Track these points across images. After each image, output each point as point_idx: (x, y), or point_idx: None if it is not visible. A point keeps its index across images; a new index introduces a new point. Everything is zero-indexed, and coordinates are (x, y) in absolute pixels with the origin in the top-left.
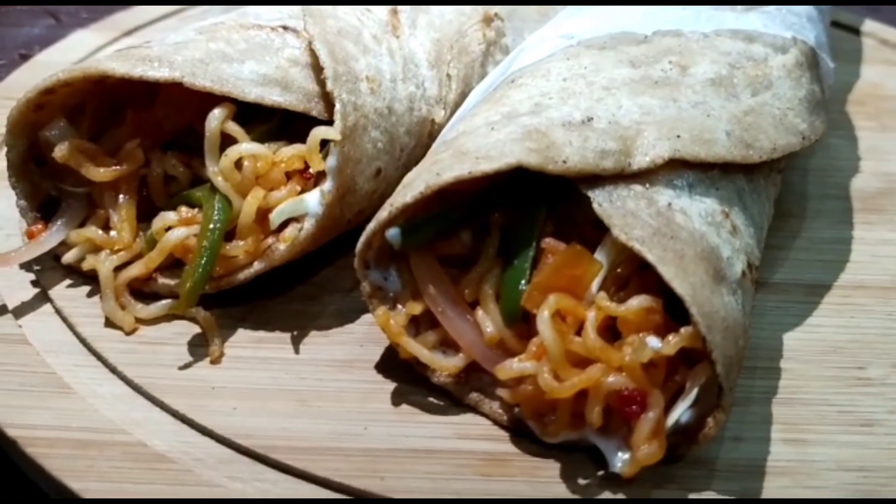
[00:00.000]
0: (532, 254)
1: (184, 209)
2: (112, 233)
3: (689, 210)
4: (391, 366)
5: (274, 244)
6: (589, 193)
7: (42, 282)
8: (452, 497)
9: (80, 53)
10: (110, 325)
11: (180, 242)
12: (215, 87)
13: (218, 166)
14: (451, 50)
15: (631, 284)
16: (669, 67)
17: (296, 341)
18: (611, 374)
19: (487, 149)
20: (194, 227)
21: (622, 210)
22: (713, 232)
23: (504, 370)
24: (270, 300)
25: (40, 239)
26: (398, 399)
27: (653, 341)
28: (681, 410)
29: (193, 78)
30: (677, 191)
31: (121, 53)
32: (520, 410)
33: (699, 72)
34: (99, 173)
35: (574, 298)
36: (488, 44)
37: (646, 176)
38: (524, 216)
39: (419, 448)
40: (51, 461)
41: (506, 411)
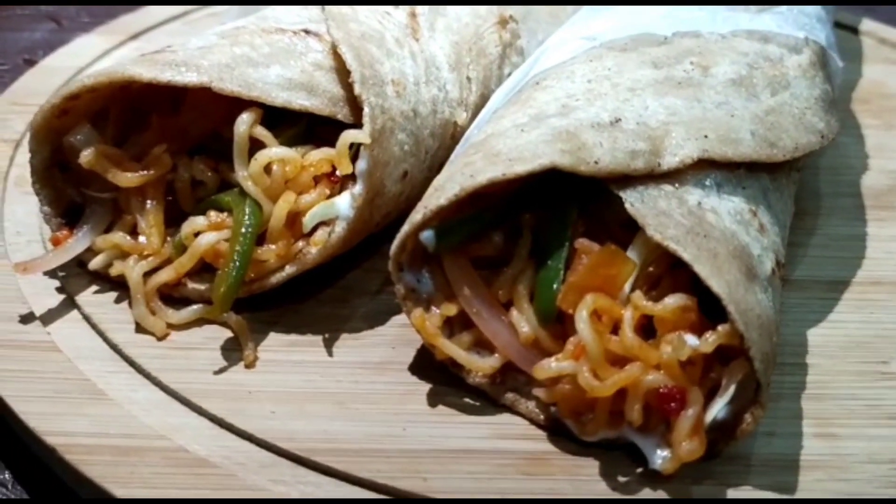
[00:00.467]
0: (565, 254)
1: (213, 214)
2: (140, 238)
3: (719, 209)
4: (425, 367)
5: (305, 248)
6: (621, 194)
7: (68, 288)
8: (497, 497)
9: (86, 58)
10: (141, 331)
11: (210, 247)
12: (243, 92)
13: (248, 171)
14: (470, 52)
15: (662, 283)
16: (691, 68)
17: (328, 344)
18: (650, 373)
19: (520, 150)
20: (224, 232)
21: (654, 210)
22: (742, 230)
23: (542, 370)
24: (300, 303)
25: (66, 245)
26: (434, 400)
27: (691, 339)
28: (718, 407)
29: (221, 83)
30: (706, 190)
31: (146, 58)
32: (557, 410)
33: (720, 72)
34: (126, 178)
35: (609, 298)
36: (504, 46)
37: (675, 176)
38: (555, 217)
39: (459, 448)
40: (92, 468)
41: (542, 411)
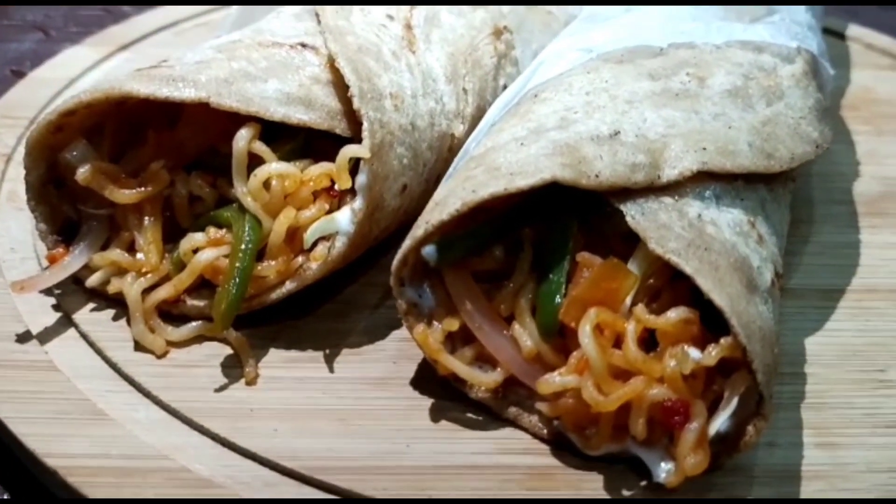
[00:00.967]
0: (566, 267)
1: (212, 230)
2: (138, 255)
3: (719, 221)
4: (427, 382)
5: (305, 263)
6: (621, 207)
7: (64, 306)
8: None
9: (76, 69)
10: (140, 349)
11: (210, 264)
12: (242, 108)
13: (247, 187)
14: (466, 64)
15: (663, 295)
16: (688, 80)
17: (329, 360)
18: (653, 386)
19: (520, 165)
20: (223, 248)
21: (655, 223)
22: (742, 242)
23: (546, 384)
24: (299, 319)
25: (63, 263)
26: (437, 415)
27: (694, 352)
28: (721, 420)
29: (220, 98)
30: (705, 202)
31: (142, 73)
32: (560, 424)
33: (716, 83)
34: (124, 195)
35: (611, 311)
36: (499, 56)
37: (674, 188)
38: (556, 230)
39: (463, 464)
40: (95, 490)
41: (545, 425)
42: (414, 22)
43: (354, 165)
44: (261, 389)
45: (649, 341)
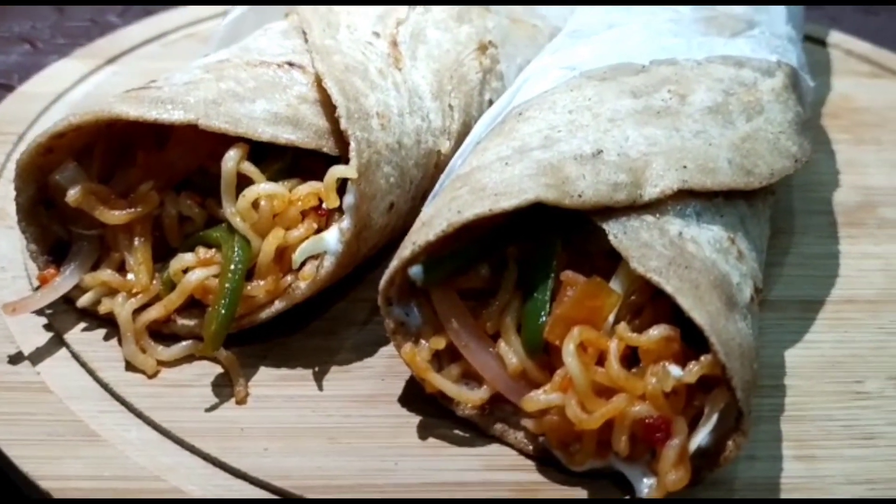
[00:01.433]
0: (550, 285)
1: (201, 250)
2: (129, 276)
3: (699, 238)
4: (415, 399)
5: (294, 283)
6: (604, 226)
7: (56, 325)
8: None
9: (64, 83)
10: (131, 369)
11: (200, 284)
12: (230, 129)
13: (235, 207)
14: (451, 80)
15: (645, 312)
16: (669, 97)
17: (318, 378)
18: (635, 404)
19: (505, 185)
20: (212, 268)
21: (637, 242)
22: (722, 259)
23: (531, 402)
24: (288, 336)
25: (54, 284)
26: (425, 433)
27: (675, 370)
28: (702, 435)
29: (208, 120)
30: (686, 220)
31: (131, 95)
32: (545, 440)
33: (697, 100)
34: (114, 216)
35: (594, 329)
36: (485, 71)
37: (656, 206)
38: (540, 249)
39: (451, 481)
40: None
41: (531, 441)
42: (400, 38)
43: (342, 184)
44: (251, 408)
45: (632, 357)
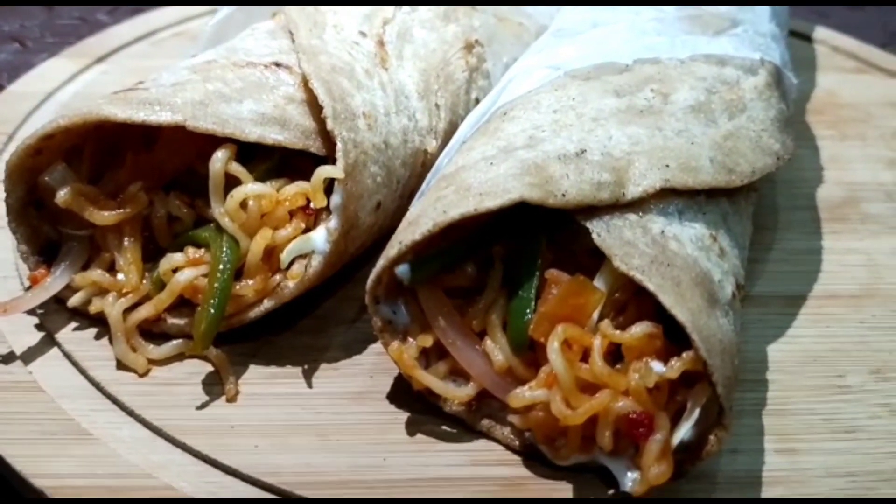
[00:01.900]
0: (535, 284)
1: (190, 250)
2: (119, 276)
3: (681, 236)
4: (403, 396)
5: (282, 282)
6: (587, 224)
7: (47, 325)
8: None
9: (53, 83)
10: (122, 368)
11: (189, 283)
12: (218, 130)
13: (224, 207)
14: (438, 79)
15: (629, 309)
16: (652, 96)
17: (307, 375)
18: (619, 399)
19: (490, 185)
20: (202, 268)
21: (620, 240)
22: (704, 256)
23: (517, 398)
24: (277, 335)
25: (45, 284)
26: (413, 429)
27: (657, 366)
28: (684, 430)
29: (196, 121)
30: (669, 218)
31: (119, 97)
32: (531, 435)
33: (680, 98)
34: (103, 217)
35: (578, 327)
36: (471, 70)
37: (639, 205)
38: (525, 247)
39: (438, 476)
40: None
41: (517, 436)
42: (386, 38)
43: (329, 184)
44: (241, 406)
45: (616, 354)
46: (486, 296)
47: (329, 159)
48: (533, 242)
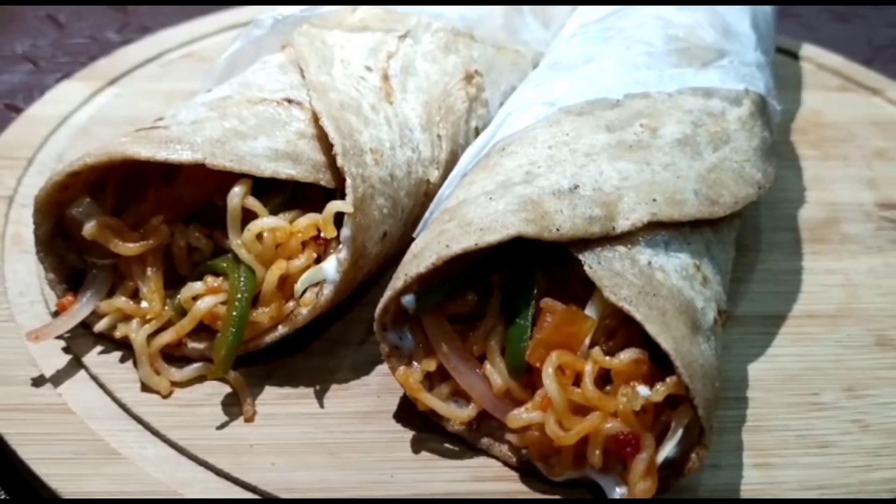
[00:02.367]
0: (531, 312)
1: (210, 278)
2: (143, 303)
3: (667, 266)
4: (408, 415)
5: (296, 309)
6: (580, 256)
7: (74, 349)
8: None
9: (68, 106)
10: (147, 389)
11: (209, 311)
12: (235, 167)
13: (241, 239)
14: (440, 111)
15: (618, 334)
16: (641, 130)
17: (319, 395)
18: (608, 421)
19: (489, 220)
20: (220, 296)
21: (610, 272)
22: (688, 286)
23: (514, 420)
24: (290, 356)
25: (72, 311)
26: (418, 447)
27: (643, 390)
28: (668, 448)
29: (214, 159)
30: (655, 249)
31: (141, 136)
32: (527, 453)
33: (667, 133)
34: (128, 248)
35: (571, 352)
36: (471, 100)
37: (628, 237)
38: (522, 277)
39: (441, 492)
40: None
41: (514, 454)
42: (391, 72)
43: (339, 215)
44: (259, 426)
45: (606, 376)
46: (486, 323)
47: (338, 190)
48: (529, 273)
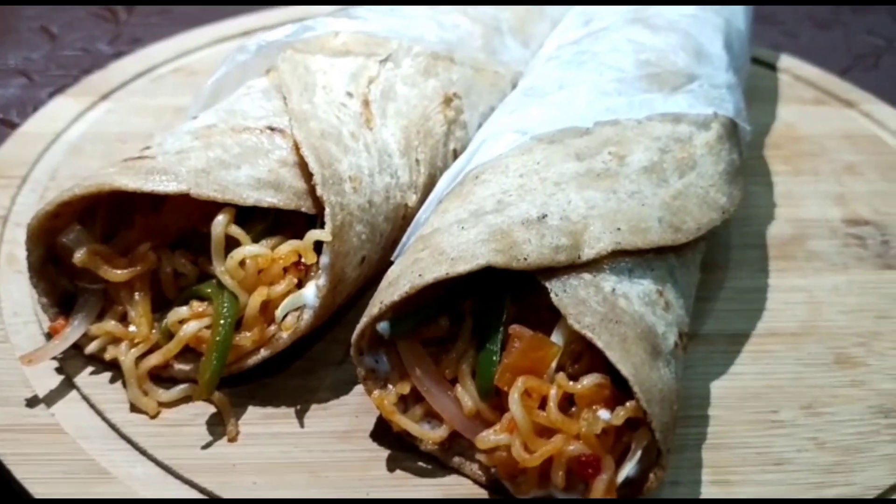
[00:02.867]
0: (501, 337)
1: (195, 303)
2: (131, 327)
3: (630, 293)
4: (384, 434)
5: (277, 333)
6: (546, 284)
7: (66, 369)
8: None
9: (61, 122)
10: (135, 410)
11: (194, 335)
12: (218, 197)
13: (224, 267)
14: (418, 135)
15: (583, 357)
16: (609, 158)
17: (300, 415)
18: (571, 443)
19: (460, 250)
20: (205, 320)
21: (574, 299)
22: (650, 311)
23: (483, 441)
24: (272, 376)
25: (64, 334)
26: (393, 465)
27: (604, 414)
28: (628, 469)
29: (199, 188)
30: (620, 276)
31: (129, 166)
32: (496, 471)
33: (634, 160)
34: (116, 275)
35: (537, 377)
36: (449, 123)
37: (593, 264)
38: (492, 303)
39: None
40: None
41: (484, 472)
42: (371, 97)
43: (319, 242)
44: (241, 445)
45: (572, 398)
46: (458, 347)
47: (318, 216)
48: (499, 300)
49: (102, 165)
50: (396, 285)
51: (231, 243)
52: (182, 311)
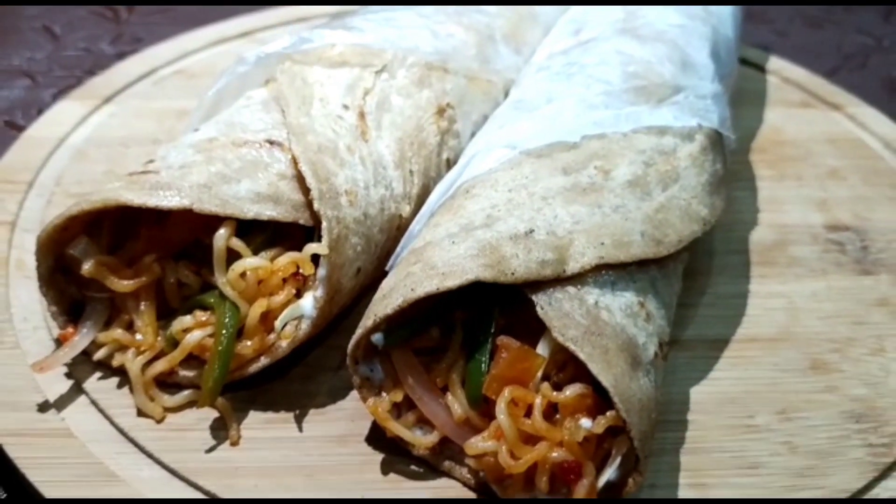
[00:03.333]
0: (489, 348)
1: (198, 312)
2: (137, 335)
3: (612, 306)
4: (379, 439)
5: (277, 342)
6: (533, 297)
7: (75, 374)
8: None
9: (66, 127)
10: (142, 415)
11: (198, 343)
12: (220, 211)
13: (226, 278)
14: (412, 146)
15: (568, 367)
16: (595, 173)
17: (299, 420)
18: (554, 450)
19: (451, 265)
20: (208, 329)
21: (559, 312)
22: (631, 323)
23: (471, 447)
24: (272, 382)
25: (73, 342)
26: (387, 469)
27: (586, 423)
28: (609, 473)
29: (201, 203)
30: (603, 289)
31: (134, 180)
32: (484, 475)
33: (619, 174)
34: (123, 286)
35: (523, 386)
36: (442, 133)
37: (578, 278)
38: (482, 315)
39: None
40: None
41: (473, 476)
42: (367, 109)
43: (316, 254)
44: (243, 449)
45: (557, 406)
46: (448, 357)
47: (316, 228)
48: (488, 312)
49: (106, 173)
50: (390, 298)
51: (232, 255)
52: (186, 321)
